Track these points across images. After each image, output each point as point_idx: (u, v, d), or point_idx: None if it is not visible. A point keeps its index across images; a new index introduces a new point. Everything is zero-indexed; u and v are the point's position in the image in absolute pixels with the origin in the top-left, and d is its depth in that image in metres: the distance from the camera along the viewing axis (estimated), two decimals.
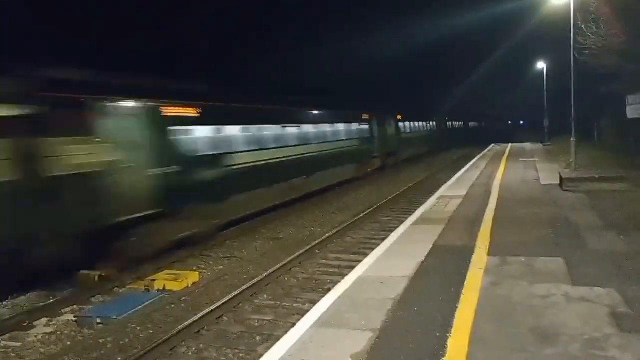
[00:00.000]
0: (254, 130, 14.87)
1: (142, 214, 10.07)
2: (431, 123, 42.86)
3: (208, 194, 12.28)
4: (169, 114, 11.18)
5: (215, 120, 13.03)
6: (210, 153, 12.57)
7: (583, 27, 17.05)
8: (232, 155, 13.41)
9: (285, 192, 16.46)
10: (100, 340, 7.37)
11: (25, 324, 8.05)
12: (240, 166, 13.64)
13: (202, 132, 12.43)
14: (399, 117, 31.95)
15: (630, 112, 17.87)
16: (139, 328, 7.79)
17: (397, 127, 31.43)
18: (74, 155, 8.85)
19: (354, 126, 23.93)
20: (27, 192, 8.28)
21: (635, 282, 6.41)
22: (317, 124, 19.95)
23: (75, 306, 8.86)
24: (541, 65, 44.07)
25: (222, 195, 12.93)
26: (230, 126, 13.79)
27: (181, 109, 11.71)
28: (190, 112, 12.03)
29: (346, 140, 22.52)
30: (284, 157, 16.30)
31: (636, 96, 17.27)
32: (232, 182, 13.23)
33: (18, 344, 7.47)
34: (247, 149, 14.19)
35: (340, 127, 22.23)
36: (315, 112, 20.31)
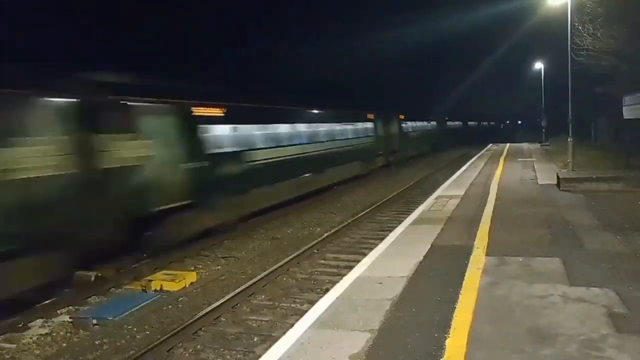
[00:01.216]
0: None
1: None
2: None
3: None
4: None
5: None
6: None
7: (580, 28, 17.07)
8: None
9: None
10: (96, 342, 7.34)
11: (20, 325, 8.00)
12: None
13: None
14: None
15: (627, 113, 17.90)
16: (135, 329, 7.76)
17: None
18: None
19: None
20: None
21: (632, 282, 6.41)
22: None
23: (71, 307, 8.82)
24: (539, 65, 44.15)
25: None
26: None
27: None
28: None
29: None
30: None
31: (632, 97, 17.30)
32: None
33: (13, 346, 7.43)
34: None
35: None
36: None
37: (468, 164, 26.35)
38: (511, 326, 5.24)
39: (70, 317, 8.35)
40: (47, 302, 8.94)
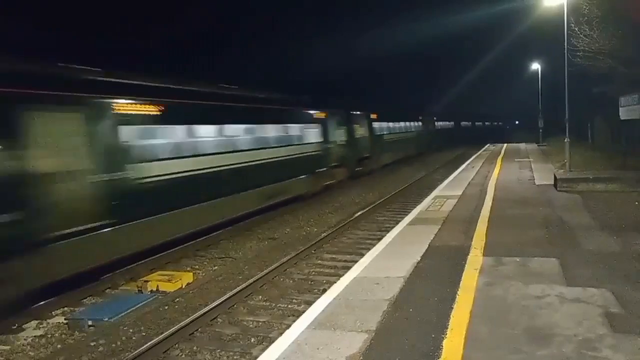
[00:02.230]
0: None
1: None
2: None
3: None
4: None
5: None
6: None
7: (576, 29, 17.09)
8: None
9: None
10: (92, 343, 7.31)
11: (15, 327, 7.95)
12: None
13: None
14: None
15: (623, 114, 17.92)
16: (131, 330, 7.73)
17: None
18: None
19: None
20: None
21: (628, 282, 6.42)
22: None
23: (66, 308, 8.78)
24: (536, 66, 44.22)
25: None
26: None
27: None
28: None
29: None
30: None
31: (628, 97, 17.31)
32: None
33: (7, 347, 7.38)
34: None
35: None
36: None
37: (465, 164, 26.39)
38: (508, 326, 5.23)
39: (65, 319, 8.30)
40: (41, 303, 8.89)
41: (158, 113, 11.03)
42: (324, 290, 7.82)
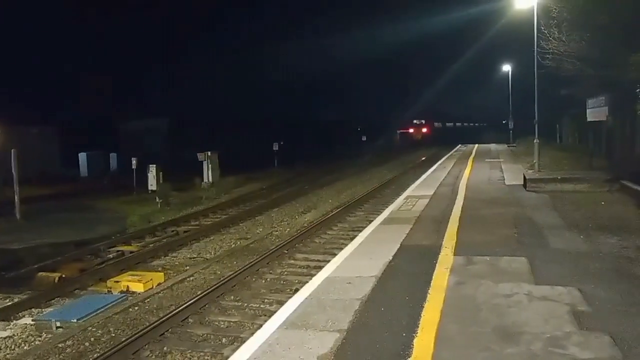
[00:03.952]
0: None
1: None
2: None
3: None
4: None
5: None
6: None
7: (546, 31, 17.42)
8: None
9: None
10: (60, 345, 7.16)
11: None
12: None
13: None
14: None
15: (590, 115, 18.33)
16: (100, 331, 7.60)
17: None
18: None
19: None
20: None
21: (595, 280, 6.56)
22: None
23: (33, 309, 8.59)
24: (507, 68, 44.92)
25: None
26: None
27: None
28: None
29: None
30: None
31: (595, 100, 17.71)
32: None
33: None
34: None
35: None
36: None
37: (437, 164, 26.66)
38: (478, 325, 5.30)
39: (32, 320, 8.13)
40: (8, 304, 8.69)
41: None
42: (296, 290, 7.81)
